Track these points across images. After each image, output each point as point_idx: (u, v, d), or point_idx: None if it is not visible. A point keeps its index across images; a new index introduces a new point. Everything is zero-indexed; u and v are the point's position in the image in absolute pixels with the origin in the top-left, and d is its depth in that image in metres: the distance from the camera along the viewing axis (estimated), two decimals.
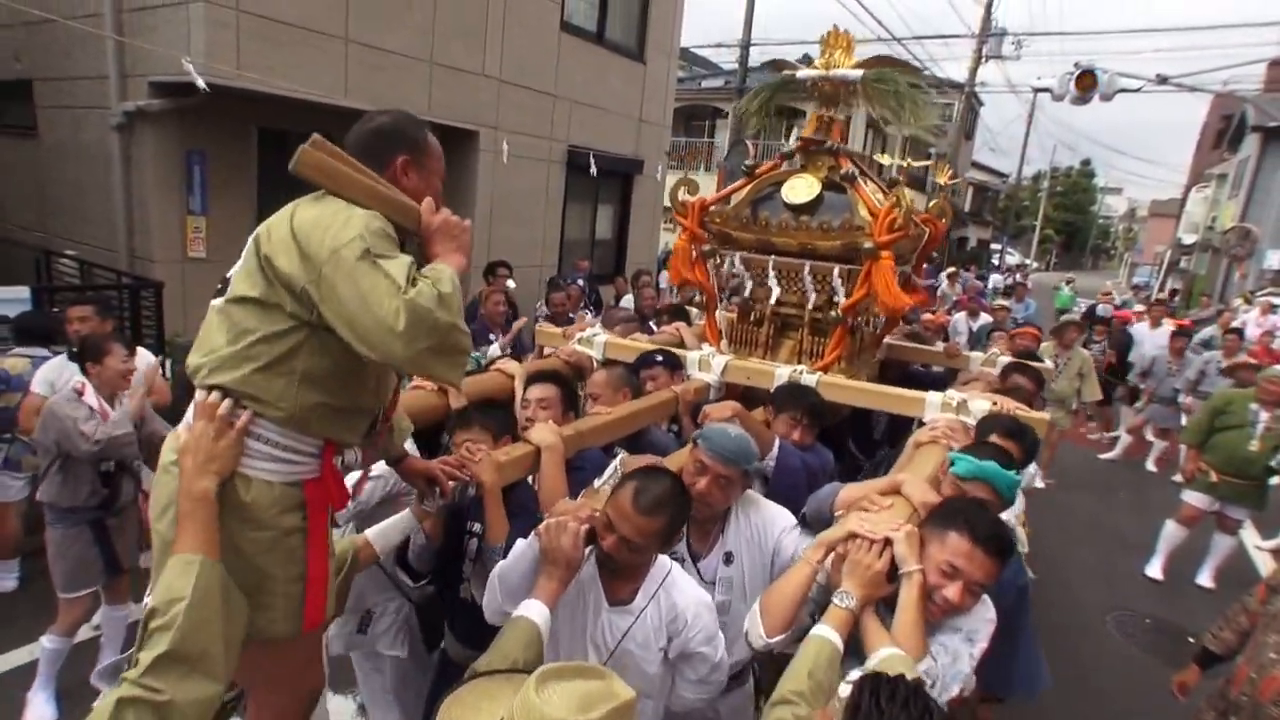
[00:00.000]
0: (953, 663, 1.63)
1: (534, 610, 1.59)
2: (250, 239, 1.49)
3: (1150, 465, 8.21)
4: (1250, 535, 6.07)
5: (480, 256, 7.52)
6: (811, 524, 2.13)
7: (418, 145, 1.59)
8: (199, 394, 1.46)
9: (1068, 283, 17.92)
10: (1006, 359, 4.03)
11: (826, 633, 1.55)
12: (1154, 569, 5.45)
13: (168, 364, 5.08)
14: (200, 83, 5.56)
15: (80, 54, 6.73)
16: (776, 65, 4.19)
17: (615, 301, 8.89)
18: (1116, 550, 5.90)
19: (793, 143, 3.56)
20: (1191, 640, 4.50)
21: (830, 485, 2.19)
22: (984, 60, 19.36)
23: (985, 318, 8.90)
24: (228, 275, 1.56)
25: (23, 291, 5.01)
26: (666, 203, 3.92)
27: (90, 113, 6.76)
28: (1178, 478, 7.10)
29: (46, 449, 3.20)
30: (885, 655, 1.49)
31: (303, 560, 1.50)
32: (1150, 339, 8.96)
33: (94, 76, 6.58)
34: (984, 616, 1.73)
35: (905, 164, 3.38)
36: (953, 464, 2.05)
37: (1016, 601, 2.19)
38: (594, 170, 9.58)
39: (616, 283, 10.04)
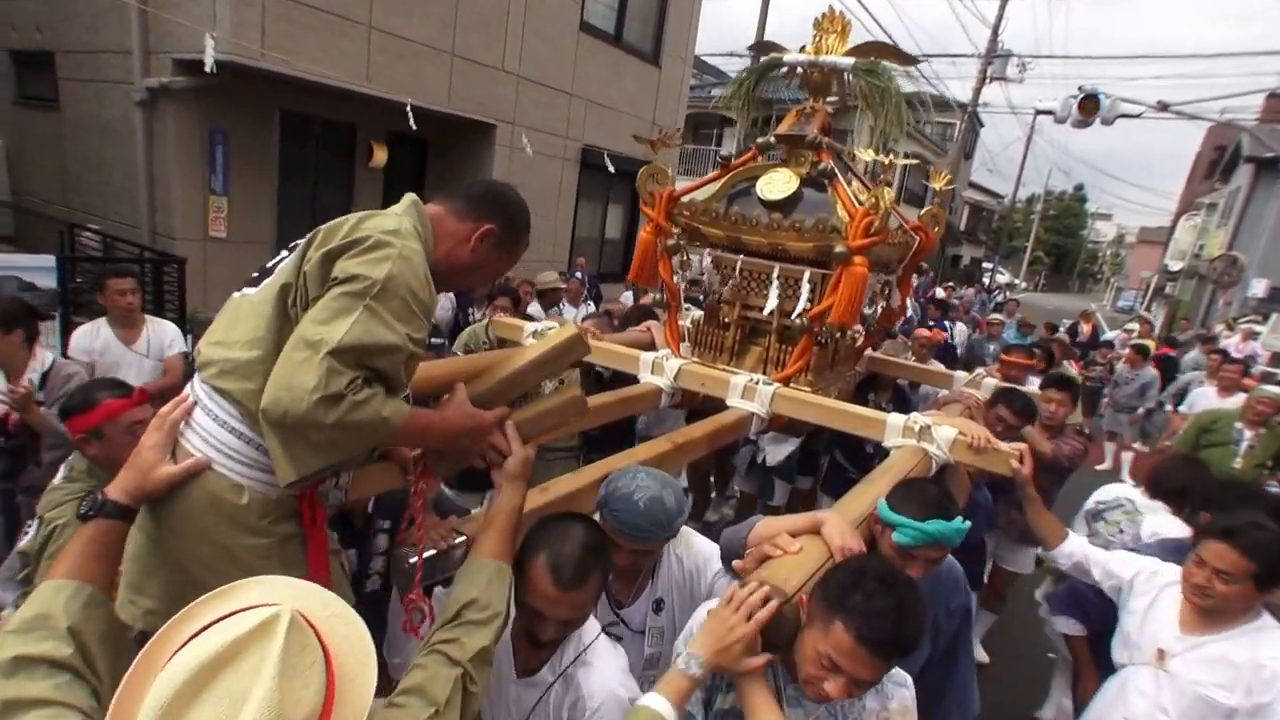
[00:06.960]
0: None
1: None
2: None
3: (1125, 478, 8.35)
4: None
5: None
6: (725, 562, 1.85)
7: (512, 229, 1.57)
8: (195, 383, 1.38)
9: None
10: (993, 381, 3.75)
11: (654, 703, 1.22)
12: None
13: (189, 339, 5.12)
14: (209, 63, 5.51)
15: (104, 27, 6.76)
16: (762, 47, 3.76)
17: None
18: None
19: (770, 137, 3.23)
20: None
21: (749, 519, 1.86)
22: (989, 81, 19.64)
23: (963, 329, 9.53)
24: (268, 265, 1.45)
25: (48, 260, 5.04)
26: None
27: (114, 88, 6.78)
28: None
29: None
30: None
31: (303, 564, 1.42)
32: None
33: (117, 51, 6.61)
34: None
35: (887, 160, 3.00)
36: (893, 529, 1.75)
37: (960, 626, 2.09)
38: (611, 169, 9.68)
39: (627, 280, 10.14)
